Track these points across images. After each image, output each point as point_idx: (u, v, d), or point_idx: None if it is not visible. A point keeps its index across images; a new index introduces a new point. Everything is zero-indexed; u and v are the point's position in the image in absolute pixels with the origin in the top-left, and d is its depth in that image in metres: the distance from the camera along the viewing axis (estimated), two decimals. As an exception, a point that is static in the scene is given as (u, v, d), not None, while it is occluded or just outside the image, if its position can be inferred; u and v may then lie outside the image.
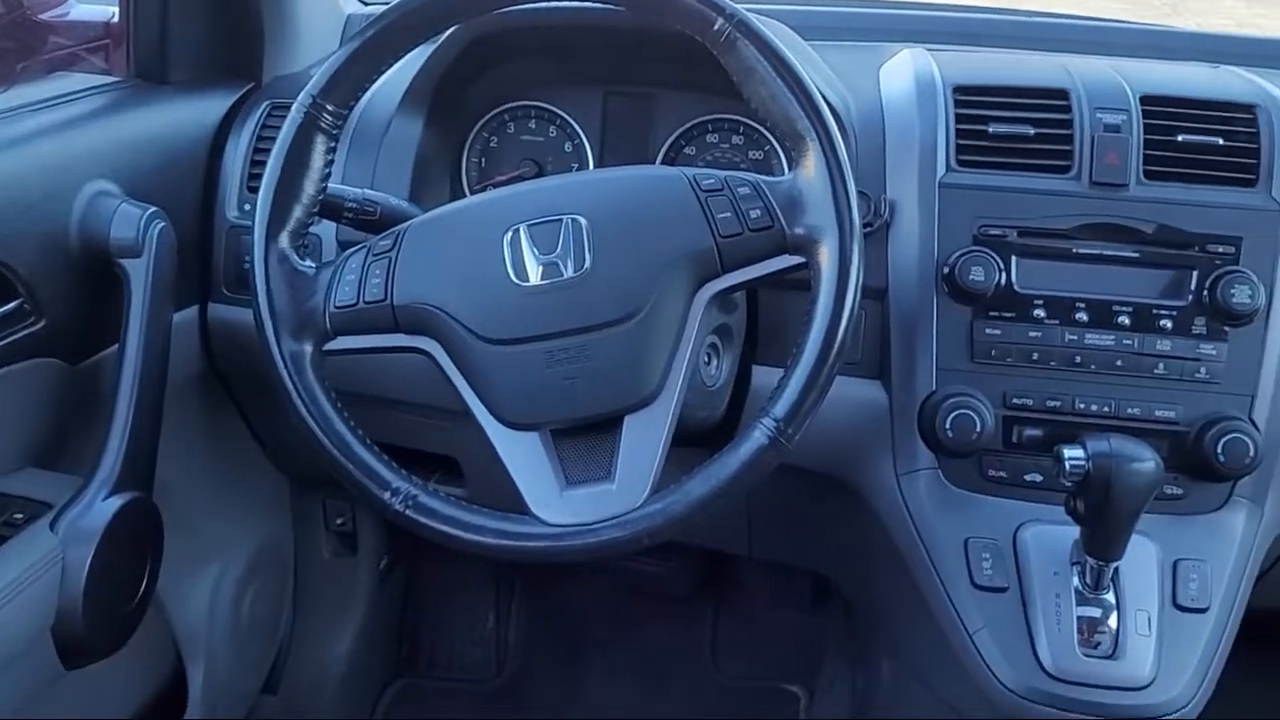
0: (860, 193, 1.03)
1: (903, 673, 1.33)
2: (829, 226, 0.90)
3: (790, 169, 0.93)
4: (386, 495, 0.91)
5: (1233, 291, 1.07)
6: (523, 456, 0.91)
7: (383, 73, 0.99)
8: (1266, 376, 1.08)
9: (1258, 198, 1.11)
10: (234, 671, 1.53)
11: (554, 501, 0.89)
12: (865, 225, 1.10)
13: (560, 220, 0.92)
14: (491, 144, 1.35)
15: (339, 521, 1.71)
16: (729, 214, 0.91)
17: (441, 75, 1.25)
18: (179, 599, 1.41)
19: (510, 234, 0.93)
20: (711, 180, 0.93)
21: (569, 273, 0.91)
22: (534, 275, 0.91)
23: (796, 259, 0.91)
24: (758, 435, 0.88)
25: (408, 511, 0.91)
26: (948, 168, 1.13)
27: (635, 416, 0.90)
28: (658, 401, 0.90)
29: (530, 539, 0.89)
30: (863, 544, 1.23)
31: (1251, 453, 1.05)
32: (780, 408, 0.88)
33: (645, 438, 0.90)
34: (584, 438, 0.91)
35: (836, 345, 0.89)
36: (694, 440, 1.13)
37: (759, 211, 0.91)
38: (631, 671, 1.95)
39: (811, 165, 0.91)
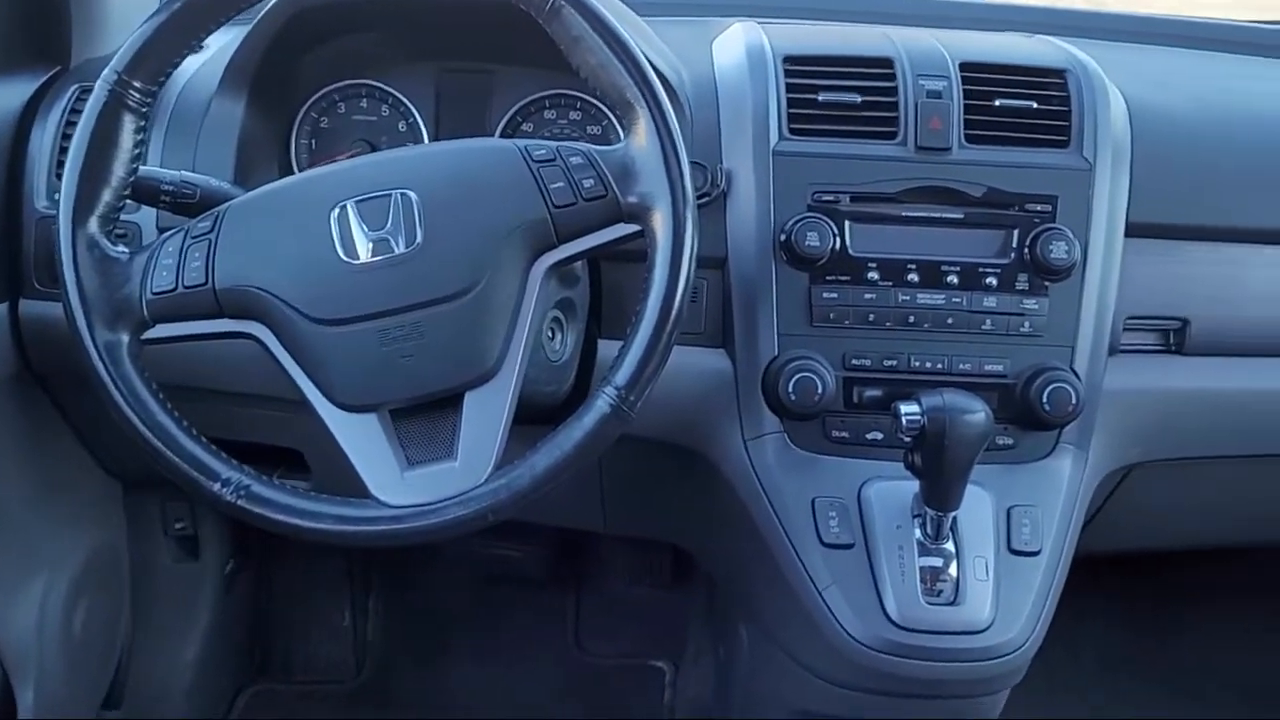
0: (696, 163, 1.04)
1: (760, 638, 1.35)
2: (662, 193, 0.90)
3: (623, 137, 0.93)
4: (216, 486, 0.88)
5: (1051, 248, 1.12)
6: (360, 439, 0.89)
7: (195, 48, 0.95)
8: (1085, 327, 1.14)
9: (1070, 158, 1.16)
10: (69, 688, 1.45)
11: (394, 483, 0.88)
12: (702, 195, 1.11)
13: (389, 195, 0.90)
14: (322, 124, 1.30)
15: (179, 525, 1.64)
16: (562, 184, 0.90)
17: (264, 52, 1.20)
18: (2, 615, 1.33)
19: (337, 211, 0.90)
20: (543, 150, 0.92)
21: (400, 249, 0.89)
22: (364, 252, 0.89)
23: (631, 227, 0.92)
24: (600, 404, 0.88)
25: (240, 502, 0.88)
26: (780, 136, 1.15)
27: (475, 393, 0.89)
28: (498, 376, 0.89)
29: (371, 522, 0.87)
30: (715, 511, 1.25)
31: (1074, 401, 1.10)
32: (621, 376, 0.88)
33: (487, 414, 0.89)
34: (424, 417, 0.90)
35: (675, 310, 0.89)
36: (542, 417, 1.11)
37: (592, 181, 0.91)
38: (495, 658, 1.93)
39: (642, 133, 0.91)
